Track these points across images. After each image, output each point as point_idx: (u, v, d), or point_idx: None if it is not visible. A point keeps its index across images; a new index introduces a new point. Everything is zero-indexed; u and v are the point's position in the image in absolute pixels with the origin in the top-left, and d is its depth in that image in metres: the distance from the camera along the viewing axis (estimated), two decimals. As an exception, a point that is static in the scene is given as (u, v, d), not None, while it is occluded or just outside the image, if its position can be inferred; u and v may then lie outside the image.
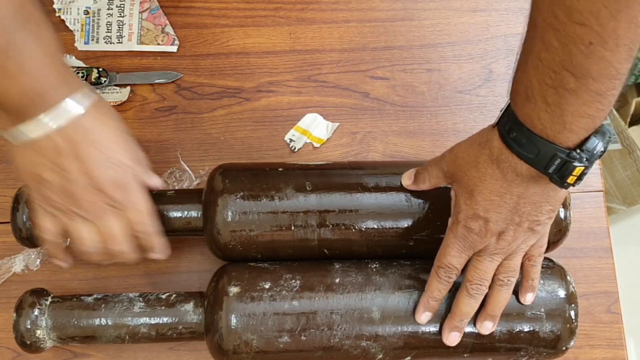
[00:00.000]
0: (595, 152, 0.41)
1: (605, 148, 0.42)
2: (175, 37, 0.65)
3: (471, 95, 0.65)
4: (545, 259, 0.54)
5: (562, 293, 0.52)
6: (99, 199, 0.47)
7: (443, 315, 0.51)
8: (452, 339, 0.50)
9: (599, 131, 0.41)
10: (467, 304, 0.50)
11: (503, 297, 0.50)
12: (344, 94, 0.65)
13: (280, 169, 0.54)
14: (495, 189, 0.45)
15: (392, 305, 0.51)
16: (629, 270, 0.81)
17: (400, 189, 0.53)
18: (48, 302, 0.52)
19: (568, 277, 0.53)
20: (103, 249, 0.50)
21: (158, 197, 0.53)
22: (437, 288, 0.50)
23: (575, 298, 0.52)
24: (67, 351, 0.58)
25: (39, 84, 0.43)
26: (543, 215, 0.47)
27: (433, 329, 0.51)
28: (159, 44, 0.65)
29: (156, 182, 0.52)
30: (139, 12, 0.65)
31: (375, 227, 0.52)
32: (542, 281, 0.52)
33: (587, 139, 0.41)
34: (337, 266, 0.53)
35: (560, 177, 0.42)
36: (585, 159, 0.41)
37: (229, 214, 0.52)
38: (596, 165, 0.63)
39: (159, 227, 0.52)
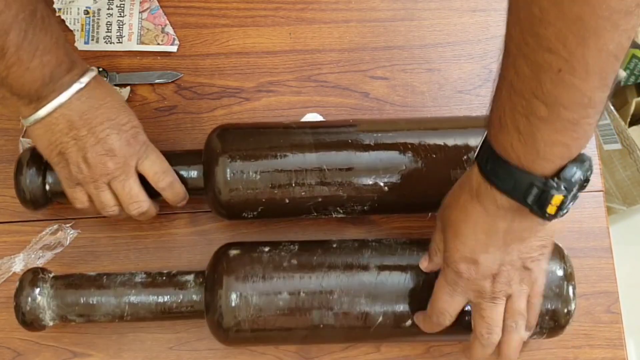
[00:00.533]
0: (573, 180, 0.40)
1: (586, 177, 0.41)
2: (175, 37, 0.65)
3: (471, 95, 0.65)
4: None
5: (560, 271, 0.52)
6: (114, 162, 0.50)
7: None
8: None
9: (577, 159, 0.40)
10: (481, 353, 0.49)
11: (516, 341, 0.48)
12: (344, 94, 0.65)
13: (280, 128, 0.55)
14: (480, 226, 0.44)
15: (389, 271, 0.52)
16: (629, 270, 0.81)
17: (401, 146, 0.53)
18: (51, 276, 0.53)
19: (566, 255, 0.54)
20: (125, 210, 0.53)
21: None
22: (432, 328, 0.50)
23: (573, 276, 0.53)
24: (67, 351, 0.58)
25: (49, 69, 0.47)
26: (534, 252, 0.46)
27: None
28: (159, 44, 0.65)
29: None
30: (139, 12, 0.65)
31: (373, 183, 0.53)
32: None
33: (564, 167, 0.40)
34: (335, 245, 0.54)
35: (540, 208, 0.40)
36: (563, 187, 0.40)
37: (228, 172, 0.52)
38: (596, 165, 0.63)
39: (175, 175, 0.54)
